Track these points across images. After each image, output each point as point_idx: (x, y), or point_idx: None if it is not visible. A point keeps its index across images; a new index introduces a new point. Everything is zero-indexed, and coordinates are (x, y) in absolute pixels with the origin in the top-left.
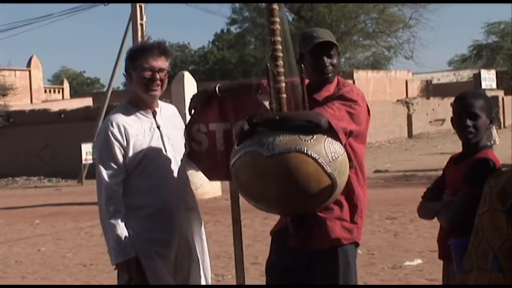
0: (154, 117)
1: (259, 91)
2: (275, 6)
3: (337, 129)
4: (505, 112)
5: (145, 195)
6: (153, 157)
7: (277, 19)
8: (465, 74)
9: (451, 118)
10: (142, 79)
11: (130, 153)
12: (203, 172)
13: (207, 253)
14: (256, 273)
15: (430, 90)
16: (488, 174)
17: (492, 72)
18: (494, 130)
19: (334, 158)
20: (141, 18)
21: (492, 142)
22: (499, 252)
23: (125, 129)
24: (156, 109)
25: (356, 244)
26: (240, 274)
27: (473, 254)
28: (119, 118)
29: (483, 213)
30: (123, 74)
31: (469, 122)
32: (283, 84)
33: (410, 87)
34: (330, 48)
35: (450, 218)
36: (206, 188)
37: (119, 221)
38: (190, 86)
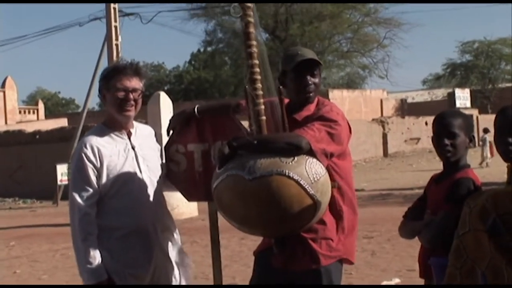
0: (129, 138)
1: (238, 111)
2: (252, 29)
3: (316, 151)
4: (479, 131)
5: (119, 216)
6: (127, 178)
7: (254, 43)
8: (440, 93)
9: (432, 137)
10: (115, 99)
11: (104, 175)
12: (181, 193)
13: (190, 274)
14: None
15: (405, 109)
16: (468, 193)
17: (466, 91)
18: (487, 151)
19: (316, 179)
20: (116, 39)
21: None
22: (486, 271)
23: (99, 150)
24: (131, 129)
25: (341, 261)
26: None
27: (457, 276)
28: (93, 140)
29: (463, 234)
30: (98, 95)
31: (447, 141)
32: (262, 107)
33: (385, 106)
34: (314, 67)
35: (431, 237)
36: (183, 208)
37: (92, 243)
38: (166, 107)
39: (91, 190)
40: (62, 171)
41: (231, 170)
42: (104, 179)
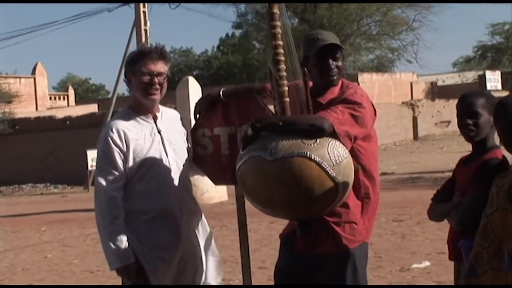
0: (155, 121)
1: (263, 95)
2: (276, 10)
3: (340, 133)
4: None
5: (146, 199)
6: (153, 162)
7: (278, 23)
8: (470, 76)
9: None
10: (141, 83)
11: (130, 158)
12: (208, 177)
13: (216, 257)
14: (263, 278)
15: (435, 92)
16: (496, 173)
17: (497, 73)
18: None
19: (338, 161)
20: (145, 24)
21: None
22: None
23: (125, 134)
24: (157, 113)
25: (365, 245)
26: (247, 279)
27: (484, 256)
28: (119, 124)
29: (491, 213)
30: (124, 80)
31: (469, 121)
32: (286, 88)
33: (415, 89)
34: (336, 50)
35: (460, 219)
36: (212, 193)
37: (118, 226)
38: (194, 91)
39: (117, 173)
40: (92, 157)
41: (253, 151)
42: (130, 163)
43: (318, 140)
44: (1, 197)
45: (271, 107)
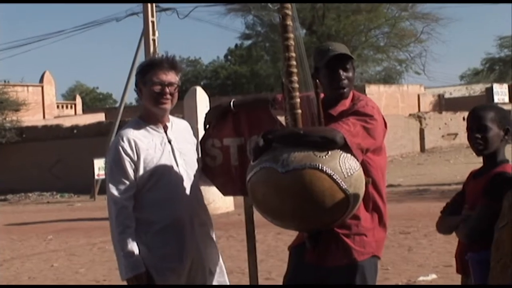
0: (165, 131)
1: (274, 106)
2: (289, 22)
3: (352, 146)
4: None
5: (157, 209)
6: (164, 172)
7: (291, 35)
8: (478, 88)
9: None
10: (152, 93)
11: (141, 168)
12: (217, 187)
13: (224, 268)
14: None
15: (443, 104)
16: (507, 188)
17: (505, 86)
18: None
19: (349, 174)
20: (153, 34)
21: None
22: None
23: (135, 143)
24: (167, 123)
25: (376, 258)
26: None
27: (494, 270)
28: (130, 133)
29: (502, 227)
30: (134, 89)
31: (478, 135)
32: (298, 100)
33: (422, 101)
34: (346, 61)
35: (469, 232)
36: (219, 203)
37: (129, 236)
38: (202, 101)
39: (128, 182)
40: (99, 166)
41: (264, 162)
42: (141, 172)
43: (329, 152)
44: (8, 206)
45: (281, 119)
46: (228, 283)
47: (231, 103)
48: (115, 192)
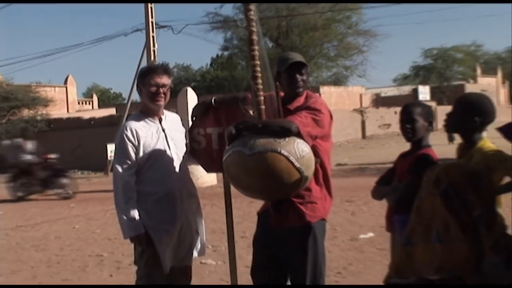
0: (160, 122)
1: (245, 103)
2: (255, 37)
3: (303, 133)
4: (438, 118)
5: (154, 184)
6: (159, 154)
7: (256, 47)
8: (406, 89)
9: (400, 122)
10: (149, 92)
11: (141, 151)
12: (202, 166)
13: (204, 230)
14: (244, 245)
15: (379, 101)
16: (427, 167)
17: (427, 88)
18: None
19: (302, 156)
20: (154, 46)
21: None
22: (439, 228)
23: (136, 132)
24: (161, 116)
25: (324, 221)
26: (231, 246)
27: (417, 230)
28: (132, 124)
29: (423, 197)
30: (136, 89)
31: (408, 125)
32: (262, 98)
33: (363, 99)
34: (302, 67)
35: (397, 199)
36: (205, 178)
37: (132, 204)
38: (192, 99)
39: (130, 162)
40: (111, 149)
41: (236, 147)
42: (141, 154)
43: (286, 139)
44: None
45: (252, 112)
46: (205, 241)
47: (213, 100)
48: (120, 170)
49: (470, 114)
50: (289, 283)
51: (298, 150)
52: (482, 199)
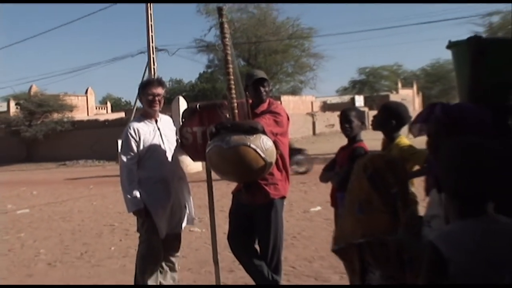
0: (156, 123)
1: (221, 109)
2: (229, 58)
3: (267, 131)
4: (368, 120)
5: (151, 170)
6: (155, 148)
7: (231, 65)
8: (346, 98)
9: (340, 123)
10: (147, 100)
11: (141, 145)
12: (189, 157)
13: (192, 205)
14: (222, 217)
15: (326, 107)
16: (359, 156)
17: (362, 97)
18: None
19: (266, 148)
20: (154, 64)
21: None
22: (363, 202)
23: (138, 130)
24: (157, 118)
25: (283, 198)
26: (212, 217)
27: (347, 205)
28: (135, 124)
29: (353, 179)
30: (137, 97)
31: (347, 125)
32: (235, 104)
33: (314, 105)
34: (264, 81)
35: (338, 181)
36: (193, 166)
37: (134, 186)
38: (182, 105)
39: (133, 154)
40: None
41: (216, 142)
42: (141, 148)
43: (254, 135)
44: (66, 168)
45: (227, 115)
46: (193, 213)
47: (197, 106)
48: (125, 160)
49: (388, 118)
50: (256, 245)
51: (263, 144)
52: (399, 181)
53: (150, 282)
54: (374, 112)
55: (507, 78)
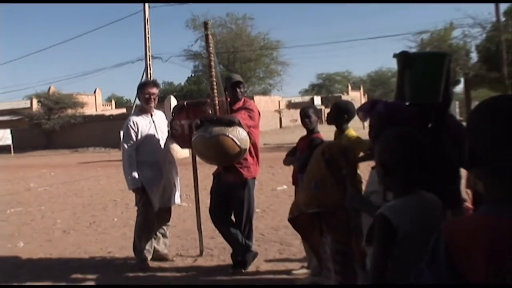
0: (151, 117)
1: (205, 106)
2: (212, 63)
3: (242, 124)
4: (323, 116)
5: (147, 155)
6: (150, 137)
7: (213, 70)
8: (307, 98)
9: (300, 118)
10: (144, 98)
11: (139, 135)
12: (178, 145)
13: (179, 185)
14: (205, 194)
15: (291, 105)
16: (317, 145)
17: (319, 98)
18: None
19: (241, 138)
20: (150, 69)
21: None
22: (319, 181)
23: (136, 122)
24: (152, 113)
25: (254, 179)
26: (196, 195)
27: (304, 182)
28: (134, 118)
29: (312, 162)
30: (136, 96)
31: (307, 120)
32: (217, 102)
33: (281, 104)
34: (240, 84)
35: (299, 165)
36: (181, 152)
37: (133, 168)
38: (173, 103)
39: (132, 142)
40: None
41: (200, 132)
42: (139, 137)
43: (232, 127)
44: (78, 154)
45: (210, 111)
46: (179, 190)
47: (185, 103)
48: (126, 146)
49: (340, 113)
50: (233, 217)
51: (239, 134)
52: (349, 164)
53: (146, 246)
54: (329, 110)
55: (429, 84)
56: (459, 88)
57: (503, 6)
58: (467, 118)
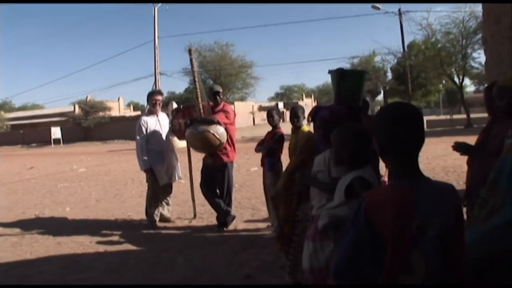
0: (157, 117)
1: (195, 108)
2: (196, 78)
3: (221, 123)
4: (285, 116)
5: (154, 145)
6: (156, 132)
7: (197, 84)
8: (273, 103)
9: (290, 117)
10: (151, 103)
11: (148, 130)
12: (177, 137)
13: (179, 167)
14: (197, 174)
15: (261, 108)
16: (279, 137)
17: (282, 103)
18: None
19: (220, 133)
20: (158, 82)
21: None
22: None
23: (146, 121)
24: (158, 114)
25: (233, 162)
26: (191, 174)
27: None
28: (144, 117)
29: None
30: (146, 101)
31: (271, 119)
32: (202, 106)
33: (254, 107)
34: (219, 92)
35: (266, 151)
36: (180, 143)
37: (145, 154)
38: (174, 107)
39: (143, 135)
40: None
41: (190, 129)
42: (148, 131)
43: (213, 125)
44: (105, 144)
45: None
46: (180, 171)
47: (181, 106)
48: (138, 138)
49: (295, 114)
50: (217, 190)
51: (218, 130)
52: (309, 149)
53: (155, 211)
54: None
55: (357, 92)
56: (380, 97)
57: (408, 39)
58: (374, 119)
